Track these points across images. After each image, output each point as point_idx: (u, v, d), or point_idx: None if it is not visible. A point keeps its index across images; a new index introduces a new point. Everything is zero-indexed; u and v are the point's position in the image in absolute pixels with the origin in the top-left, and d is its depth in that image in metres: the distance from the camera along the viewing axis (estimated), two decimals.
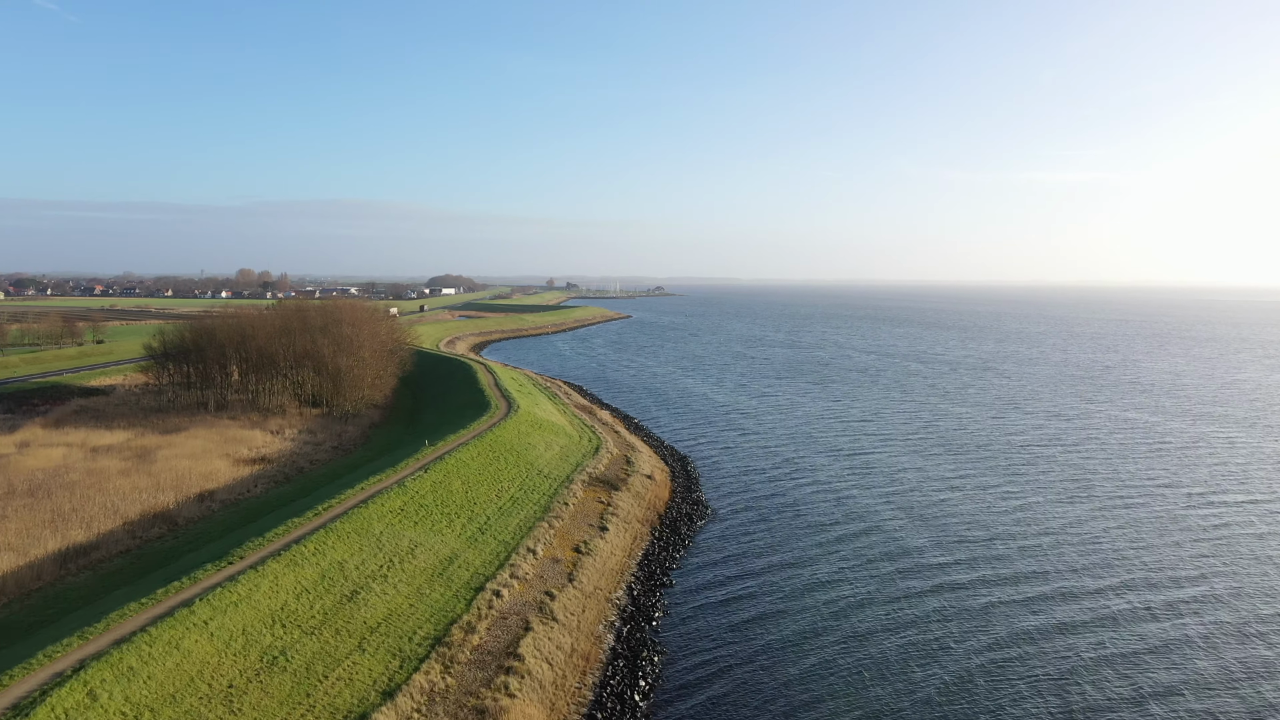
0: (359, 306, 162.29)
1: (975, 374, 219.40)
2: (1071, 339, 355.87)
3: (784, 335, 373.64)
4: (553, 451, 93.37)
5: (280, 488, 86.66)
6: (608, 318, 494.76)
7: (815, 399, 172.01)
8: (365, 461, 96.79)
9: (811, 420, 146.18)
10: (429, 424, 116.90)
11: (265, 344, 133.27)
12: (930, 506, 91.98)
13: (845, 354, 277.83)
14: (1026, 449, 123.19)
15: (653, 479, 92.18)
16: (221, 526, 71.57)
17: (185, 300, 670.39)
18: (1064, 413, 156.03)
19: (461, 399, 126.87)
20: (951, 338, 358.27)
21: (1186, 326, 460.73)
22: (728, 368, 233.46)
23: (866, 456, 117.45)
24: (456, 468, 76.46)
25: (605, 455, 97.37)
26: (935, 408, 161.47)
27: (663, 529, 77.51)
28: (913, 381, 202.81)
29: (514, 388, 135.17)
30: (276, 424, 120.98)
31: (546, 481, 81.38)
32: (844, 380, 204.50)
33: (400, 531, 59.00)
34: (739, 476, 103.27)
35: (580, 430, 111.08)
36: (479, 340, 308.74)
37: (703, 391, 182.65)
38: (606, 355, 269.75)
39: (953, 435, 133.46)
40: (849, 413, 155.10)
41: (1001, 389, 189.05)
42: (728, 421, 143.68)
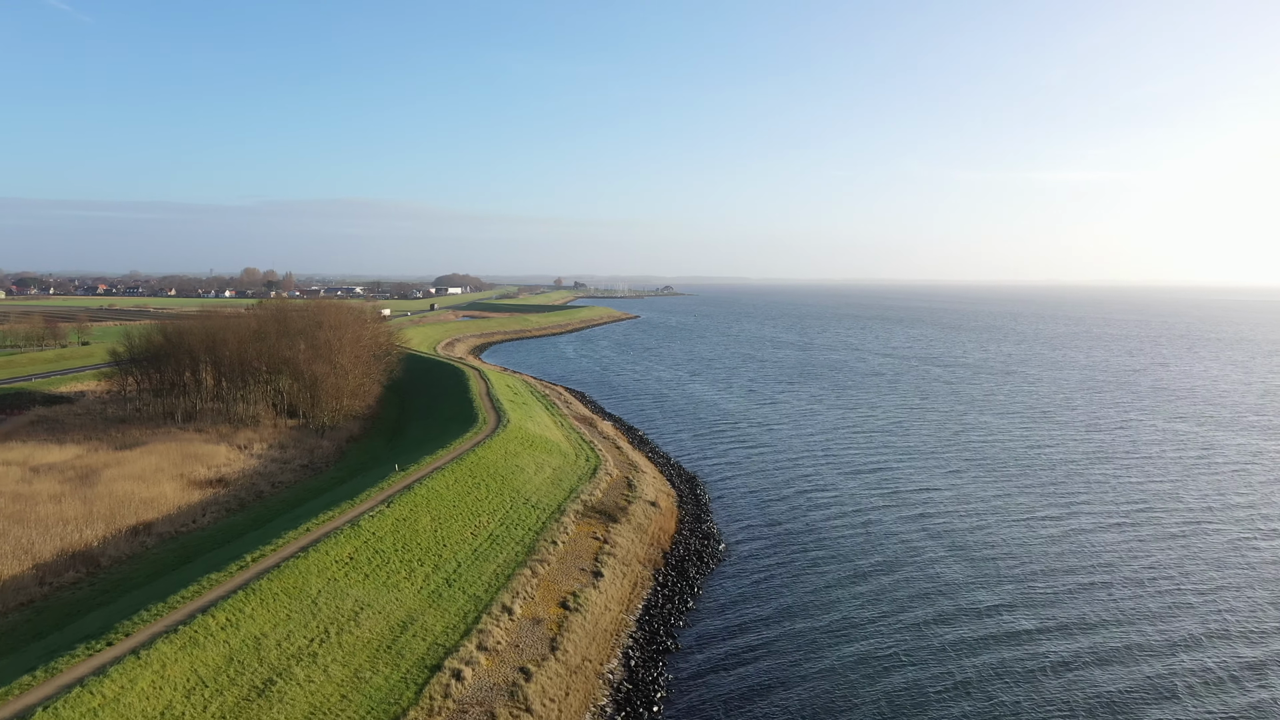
0: (343, 308, 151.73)
1: (999, 379, 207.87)
2: (1094, 341, 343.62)
3: (795, 336, 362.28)
4: (544, 475, 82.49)
5: (231, 517, 76.07)
6: (614, 318, 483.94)
7: (831, 406, 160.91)
8: (334, 484, 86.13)
9: (828, 431, 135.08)
10: (411, 439, 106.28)
11: (237, 349, 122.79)
12: (968, 536, 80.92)
13: (860, 357, 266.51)
14: (1068, 466, 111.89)
15: (657, 506, 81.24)
16: (151, 568, 61.03)
17: (188, 300, 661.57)
18: (1102, 423, 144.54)
19: (448, 410, 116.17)
20: (969, 339, 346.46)
21: (1210, 327, 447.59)
22: (737, 371, 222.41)
23: (891, 475, 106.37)
24: (427, 499, 65.66)
25: (604, 477, 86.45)
26: (961, 417, 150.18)
27: (668, 571, 66.54)
28: (934, 387, 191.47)
29: (507, 397, 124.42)
30: (246, 437, 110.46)
31: (534, 513, 70.52)
32: (860, 386, 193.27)
33: (344, 589, 48.21)
34: (753, 501, 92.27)
35: (577, 447, 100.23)
36: (481, 342, 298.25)
37: (712, 398, 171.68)
38: (611, 358, 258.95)
39: (984, 449, 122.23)
40: (868, 422, 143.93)
41: (1029, 396, 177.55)
42: (738, 433, 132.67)
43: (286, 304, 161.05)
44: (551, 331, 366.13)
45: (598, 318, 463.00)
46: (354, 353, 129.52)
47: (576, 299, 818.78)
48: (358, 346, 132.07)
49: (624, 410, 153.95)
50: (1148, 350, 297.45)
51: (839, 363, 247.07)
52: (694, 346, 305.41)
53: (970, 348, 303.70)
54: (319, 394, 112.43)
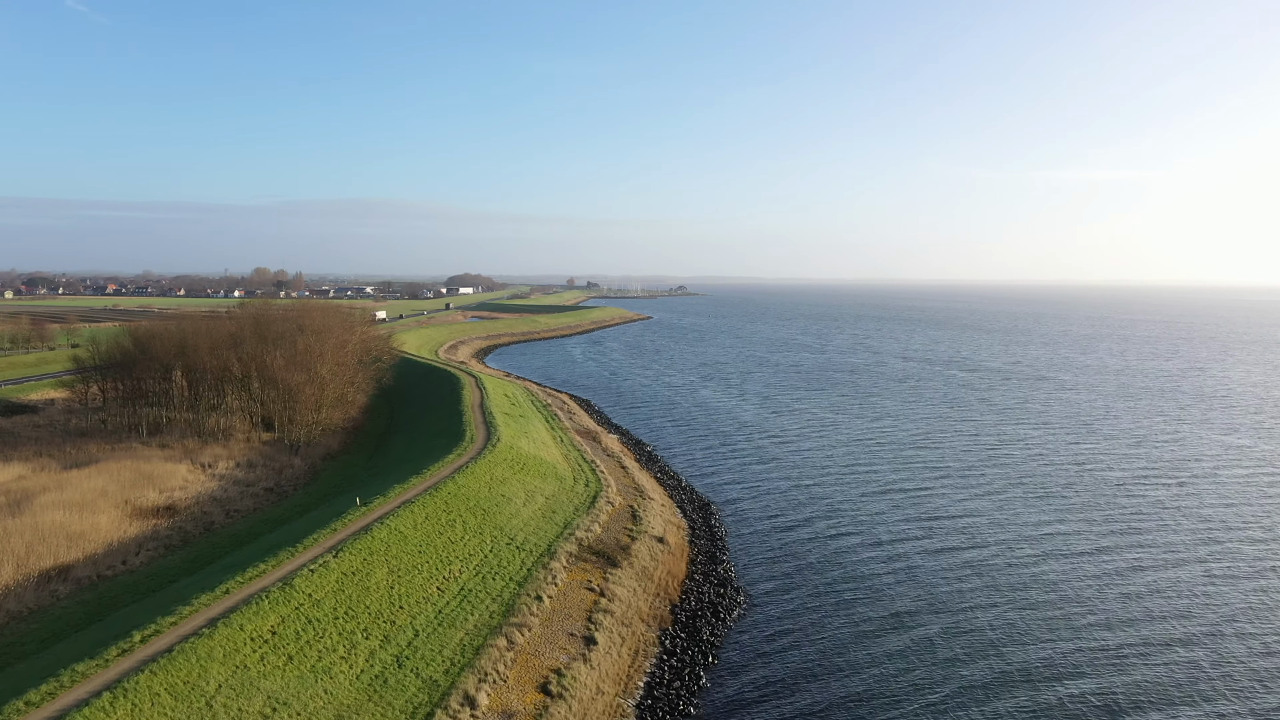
0: (330, 311, 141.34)
1: (1031, 385, 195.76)
2: (1123, 343, 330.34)
3: (812, 339, 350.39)
4: (534, 506, 71.51)
5: (169, 557, 65.51)
6: (626, 319, 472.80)
7: (854, 416, 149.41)
8: (296, 514, 75.47)
9: (853, 446, 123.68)
10: (391, 457, 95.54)
11: (210, 356, 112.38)
12: (1019, 572, 69.68)
13: (881, 360, 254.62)
14: (1122, 487, 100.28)
15: (665, 543, 70.17)
16: (46, 630, 50.46)
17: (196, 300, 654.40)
18: (1152, 436, 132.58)
19: (435, 424, 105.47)
20: (993, 342, 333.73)
21: (1239, 329, 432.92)
22: (751, 376, 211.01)
23: (925, 497, 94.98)
24: (386, 544, 54.77)
25: (605, 507, 75.39)
26: (995, 429, 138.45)
27: (676, 632, 55.40)
28: (962, 395, 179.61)
29: (503, 408, 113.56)
30: (213, 454, 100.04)
31: (518, 558, 59.54)
32: (884, 393, 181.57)
33: (256, 681, 37.38)
34: (774, 531, 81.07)
35: (576, 468, 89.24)
36: (486, 344, 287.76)
37: (726, 406, 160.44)
38: (621, 361, 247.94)
39: (1025, 467, 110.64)
40: (894, 434, 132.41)
41: (1066, 404, 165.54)
42: (755, 447, 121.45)
43: (270, 306, 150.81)
44: (561, 333, 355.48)
45: (609, 319, 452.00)
46: (338, 360, 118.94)
47: (589, 299, 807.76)
48: (342, 353, 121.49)
49: (631, 420, 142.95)
50: (1181, 353, 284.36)
51: (859, 367, 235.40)
52: (706, 349, 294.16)
53: (996, 351, 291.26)
54: (294, 406, 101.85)
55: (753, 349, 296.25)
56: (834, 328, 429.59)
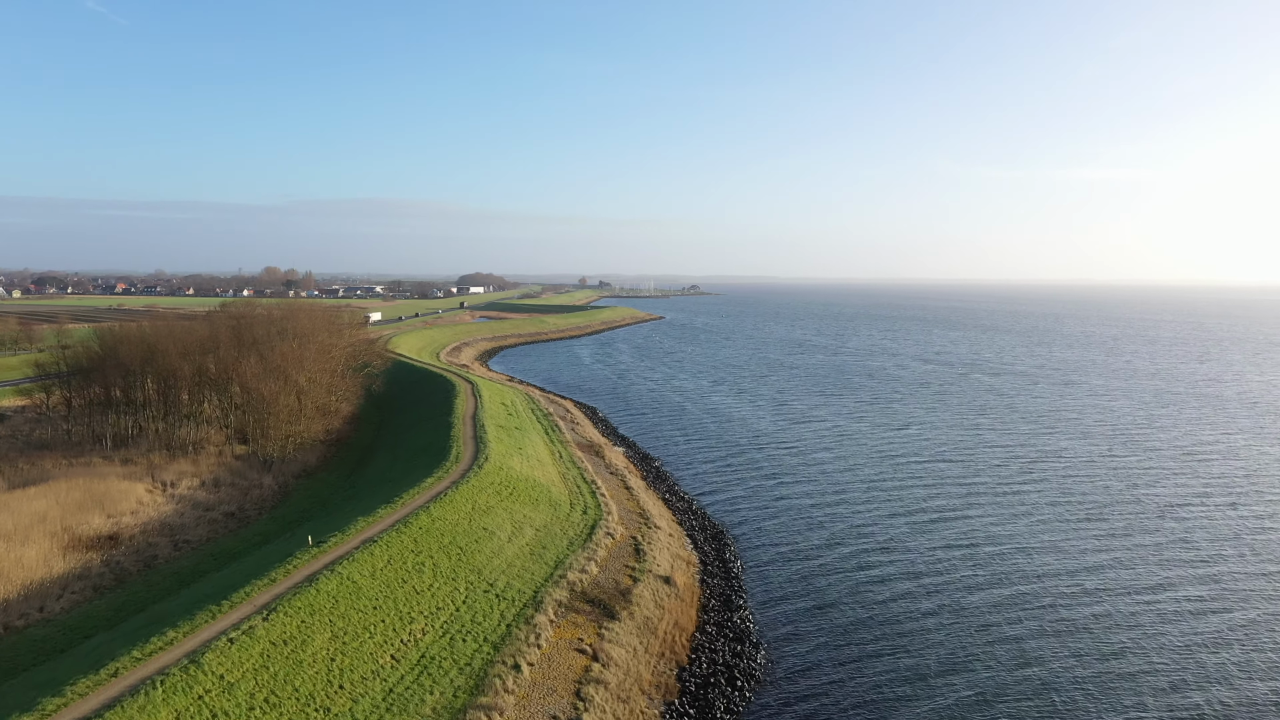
0: (317, 313, 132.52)
1: (1061, 391, 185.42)
2: (1150, 345, 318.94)
3: (827, 340, 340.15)
4: (522, 540, 62.21)
5: (98, 600, 56.63)
6: (638, 319, 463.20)
7: (875, 425, 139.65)
8: (254, 545, 66.48)
9: (876, 459, 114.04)
10: (370, 477, 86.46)
11: (179, 361, 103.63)
12: (1079, 616, 60.18)
13: (899, 363, 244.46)
14: (1177, 511, 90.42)
15: (673, 585, 60.82)
16: None
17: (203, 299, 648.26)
18: (1202, 449, 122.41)
19: (420, 439, 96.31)
20: (1014, 343, 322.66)
21: (1268, 329, 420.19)
22: (766, 380, 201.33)
23: (963, 524, 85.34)
24: (335, 598, 45.60)
25: (604, 540, 66.07)
26: (1030, 440, 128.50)
27: (684, 706, 45.94)
28: (989, 401, 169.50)
29: (498, 420, 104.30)
30: (178, 470, 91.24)
31: (496, 610, 50.28)
32: (905, 398, 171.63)
33: None
34: (796, 566, 71.65)
35: (575, 490, 79.90)
36: (492, 345, 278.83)
37: (739, 413, 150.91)
38: (630, 364, 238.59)
39: (1069, 486, 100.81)
40: (921, 446, 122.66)
41: (1104, 412, 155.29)
42: (771, 462, 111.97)
43: (253, 307, 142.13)
44: (569, 334, 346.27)
45: (620, 319, 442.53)
46: (321, 366, 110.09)
47: (600, 299, 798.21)
48: (326, 359, 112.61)
49: (639, 429, 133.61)
50: (1214, 356, 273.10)
51: (877, 370, 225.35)
52: (719, 351, 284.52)
53: (1018, 353, 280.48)
54: (268, 418, 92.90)
55: (766, 350, 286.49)
56: (849, 328, 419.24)
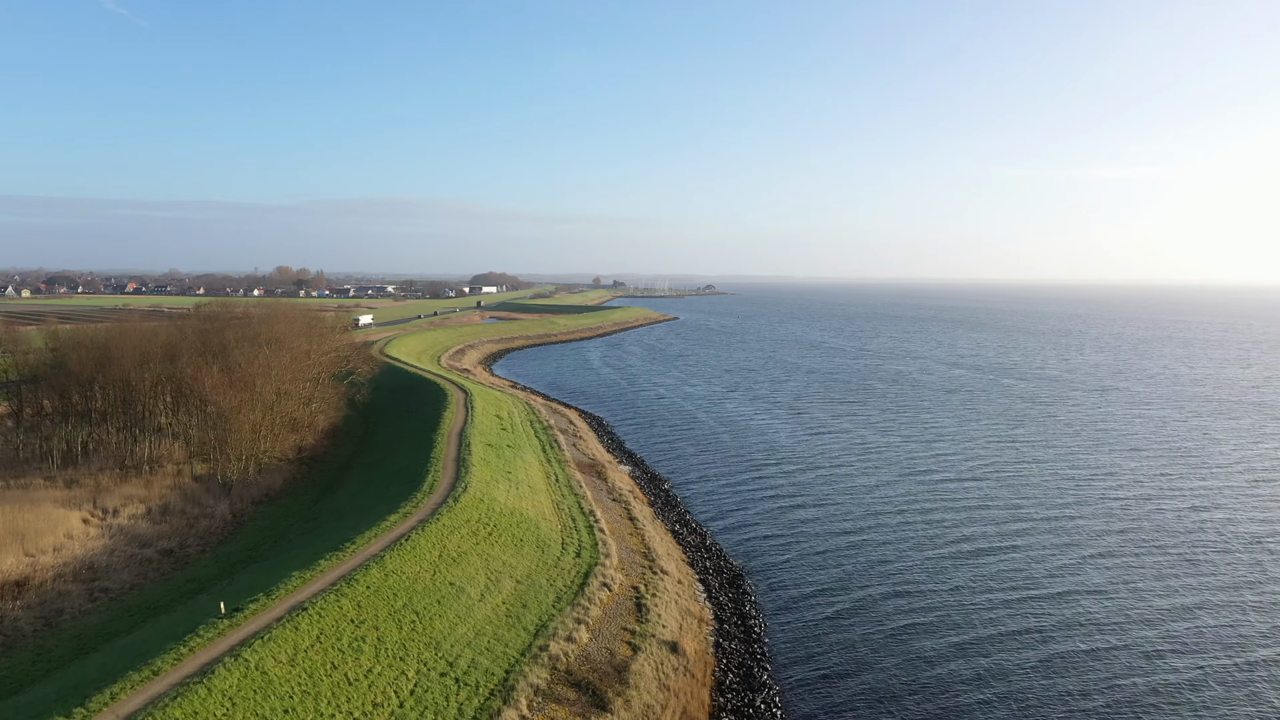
0: (297, 315, 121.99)
1: (1101, 398, 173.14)
2: (1186, 347, 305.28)
3: (846, 341, 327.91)
4: (497, 597, 51.26)
5: None
6: (651, 320, 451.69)
7: (903, 438, 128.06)
8: (185, 594, 55.87)
9: (908, 479, 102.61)
10: (337, 506, 75.67)
11: (135, 370, 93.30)
12: (1165, 676, 48.60)
13: (924, 367, 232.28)
14: (1263, 547, 78.66)
15: (681, 653, 49.77)
16: None
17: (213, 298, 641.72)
18: (1275, 468, 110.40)
19: (397, 461, 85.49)
20: (1042, 346, 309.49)
21: None
22: (783, 386, 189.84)
23: (1016, 563, 74.08)
24: (232, 699, 34.75)
25: (599, 593, 55.04)
26: (1075, 457, 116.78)
27: None
28: (1025, 410, 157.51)
29: (488, 438, 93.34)
30: (126, 494, 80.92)
31: (454, 701, 39.35)
32: (933, 406, 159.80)
33: None
34: (827, 620, 60.56)
35: (569, 525, 68.90)
36: (498, 348, 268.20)
37: (755, 424, 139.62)
38: (640, 368, 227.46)
39: (1128, 515, 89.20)
40: (957, 464, 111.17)
41: (1153, 423, 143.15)
42: (792, 482, 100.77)
43: (229, 308, 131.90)
44: (580, 335, 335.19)
45: (632, 320, 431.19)
46: (297, 374, 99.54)
47: (614, 299, 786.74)
48: (302, 367, 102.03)
49: (647, 443, 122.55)
50: (1255, 359, 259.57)
51: (901, 375, 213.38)
52: (733, 354, 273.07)
53: (1048, 356, 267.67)
54: (228, 436, 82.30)
55: (783, 353, 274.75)
56: (868, 329, 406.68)
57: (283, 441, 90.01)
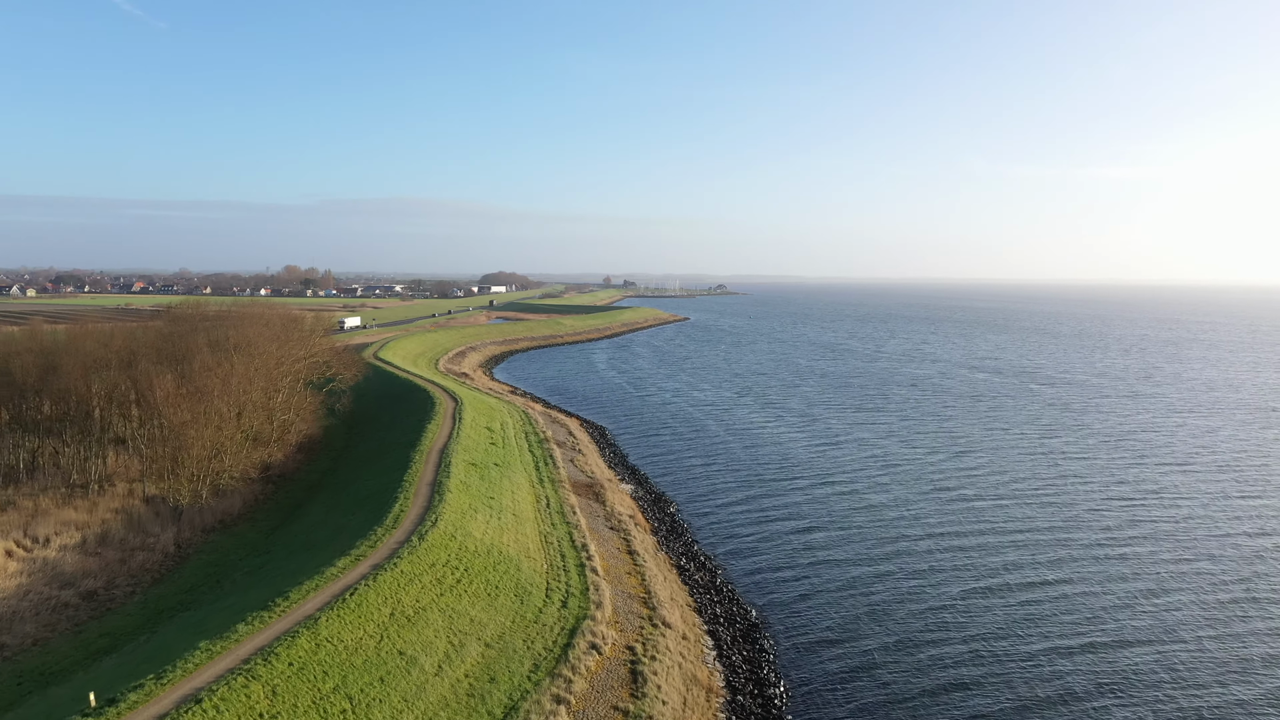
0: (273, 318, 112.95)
1: (1133, 405, 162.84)
2: (1212, 349, 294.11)
3: (861, 343, 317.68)
4: (458, 669, 41.87)
5: None
6: (661, 321, 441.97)
7: (928, 450, 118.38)
8: (88, 656, 46.74)
9: (938, 500, 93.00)
10: (290, 541, 66.42)
11: (81, 380, 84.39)
12: None
13: (943, 370, 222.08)
14: None
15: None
16: None
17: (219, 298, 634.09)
18: None
19: (368, 484, 76.19)
20: (1065, 348, 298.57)
21: None
22: (797, 391, 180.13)
23: (1069, 600, 64.58)
24: None
25: (586, 659, 45.56)
26: (1116, 473, 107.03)
27: None
28: (1054, 417, 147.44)
29: (473, 455, 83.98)
30: (64, 519, 72.09)
31: None
32: (958, 414, 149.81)
33: None
34: (855, 680, 51.00)
35: (556, 563, 59.54)
36: (501, 350, 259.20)
37: (767, 433, 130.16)
38: (648, 372, 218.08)
39: (1188, 542, 79.39)
40: (989, 481, 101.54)
41: (1196, 434, 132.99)
42: (811, 502, 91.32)
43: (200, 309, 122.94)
44: (587, 337, 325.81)
45: (641, 320, 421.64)
46: (267, 383, 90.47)
47: (624, 299, 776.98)
48: (272, 375, 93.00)
49: (652, 457, 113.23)
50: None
51: (921, 379, 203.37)
52: (744, 356, 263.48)
53: (1073, 359, 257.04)
54: (179, 453, 73.34)
55: (796, 355, 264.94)
56: (883, 330, 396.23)
57: (246, 458, 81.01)
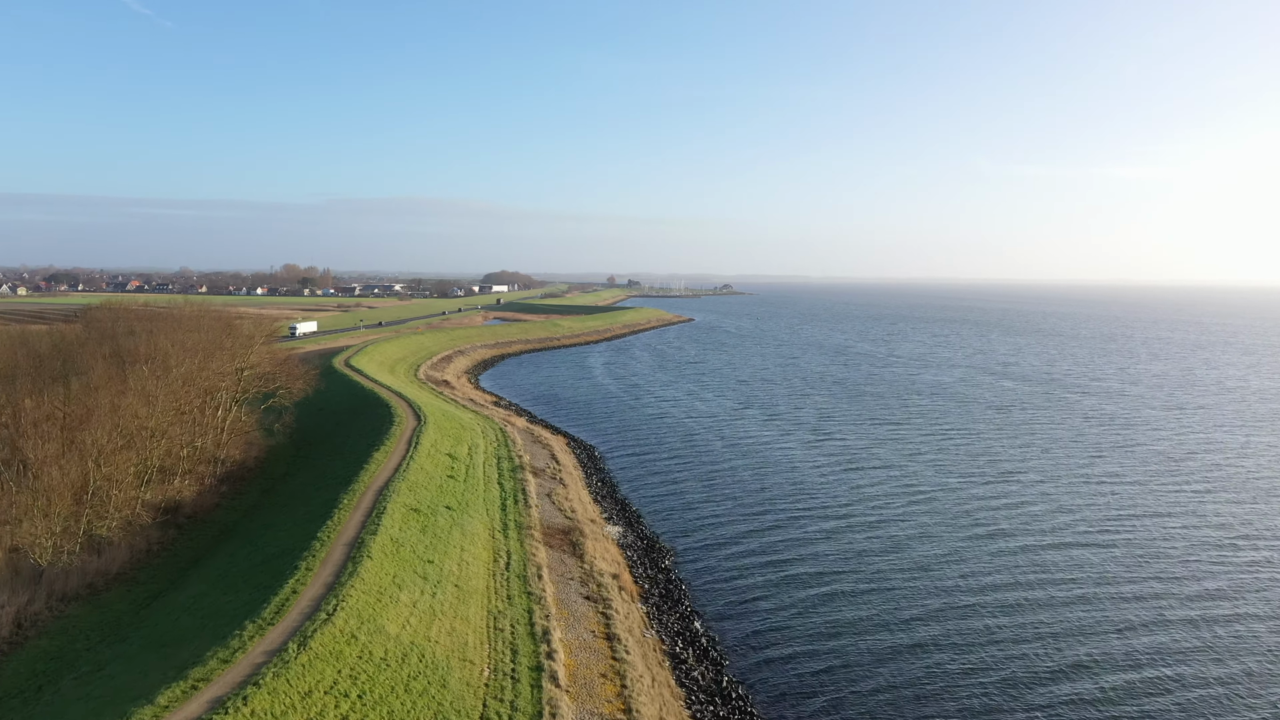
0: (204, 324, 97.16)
1: (1180, 420, 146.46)
2: (1247, 355, 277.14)
3: (872, 346, 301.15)
4: None
5: None
6: (664, 322, 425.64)
7: (964, 476, 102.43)
8: None
9: (988, 546, 77.08)
10: (160, 625, 50.53)
11: None
12: None
13: (964, 377, 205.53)
14: None
15: None
16: None
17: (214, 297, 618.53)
18: None
19: (275, 540, 59.86)
20: (1089, 352, 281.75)
21: None
22: (808, 401, 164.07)
23: (1168, 692, 48.55)
24: None
25: None
26: (1193, 507, 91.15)
27: None
28: (1098, 436, 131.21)
29: (418, 496, 67.95)
30: None
31: None
32: (989, 430, 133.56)
33: None
34: None
35: (506, 664, 43.62)
36: (492, 354, 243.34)
37: (776, 452, 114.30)
38: (646, 377, 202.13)
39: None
40: (1041, 519, 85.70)
41: (1263, 455, 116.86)
42: (831, 549, 75.53)
43: (122, 312, 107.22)
44: (585, 339, 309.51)
45: (644, 321, 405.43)
46: (179, 405, 74.72)
47: (627, 299, 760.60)
48: (194, 391, 77.27)
49: (644, 485, 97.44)
50: None
51: (941, 387, 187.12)
52: (749, 360, 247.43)
53: (1100, 364, 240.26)
54: (34, 501, 57.72)
55: (805, 359, 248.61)
56: (894, 332, 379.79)
57: (137, 499, 65.38)
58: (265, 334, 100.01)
